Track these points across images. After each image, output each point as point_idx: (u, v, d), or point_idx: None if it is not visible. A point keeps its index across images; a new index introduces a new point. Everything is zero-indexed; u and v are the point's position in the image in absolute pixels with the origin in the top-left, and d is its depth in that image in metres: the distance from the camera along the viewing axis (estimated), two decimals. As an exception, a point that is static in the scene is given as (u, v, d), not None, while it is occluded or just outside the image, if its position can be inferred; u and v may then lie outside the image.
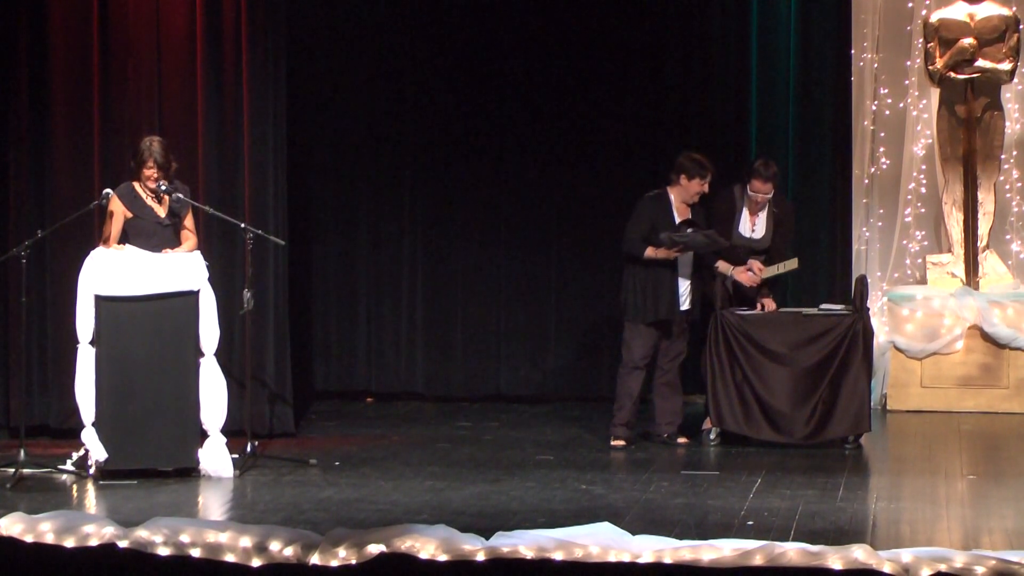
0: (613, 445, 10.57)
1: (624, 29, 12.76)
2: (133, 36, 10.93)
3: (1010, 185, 12.93)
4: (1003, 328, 12.25)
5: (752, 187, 10.86)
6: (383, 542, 7.06)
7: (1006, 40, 12.54)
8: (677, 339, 10.65)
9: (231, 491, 9.16)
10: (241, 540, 7.16)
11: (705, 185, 10.61)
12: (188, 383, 9.53)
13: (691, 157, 10.64)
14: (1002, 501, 8.75)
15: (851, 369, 10.48)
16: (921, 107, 12.93)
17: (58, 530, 7.35)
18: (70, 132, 10.96)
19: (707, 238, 10.45)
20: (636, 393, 10.60)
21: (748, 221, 10.96)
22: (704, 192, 10.64)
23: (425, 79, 12.98)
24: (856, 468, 9.97)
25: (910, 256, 12.98)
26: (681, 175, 10.59)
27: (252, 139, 10.93)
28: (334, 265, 13.12)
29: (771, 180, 10.85)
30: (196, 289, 9.54)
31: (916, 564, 6.80)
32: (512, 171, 12.88)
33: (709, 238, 10.46)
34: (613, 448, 10.52)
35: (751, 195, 10.88)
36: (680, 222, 10.53)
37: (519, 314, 12.96)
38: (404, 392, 13.01)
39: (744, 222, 10.96)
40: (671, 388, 10.68)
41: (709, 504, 8.64)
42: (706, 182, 10.60)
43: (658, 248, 10.47)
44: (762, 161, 10.95)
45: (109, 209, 9.75)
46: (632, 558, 6.98)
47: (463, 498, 8.77)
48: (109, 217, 9.76)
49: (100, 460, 9.37)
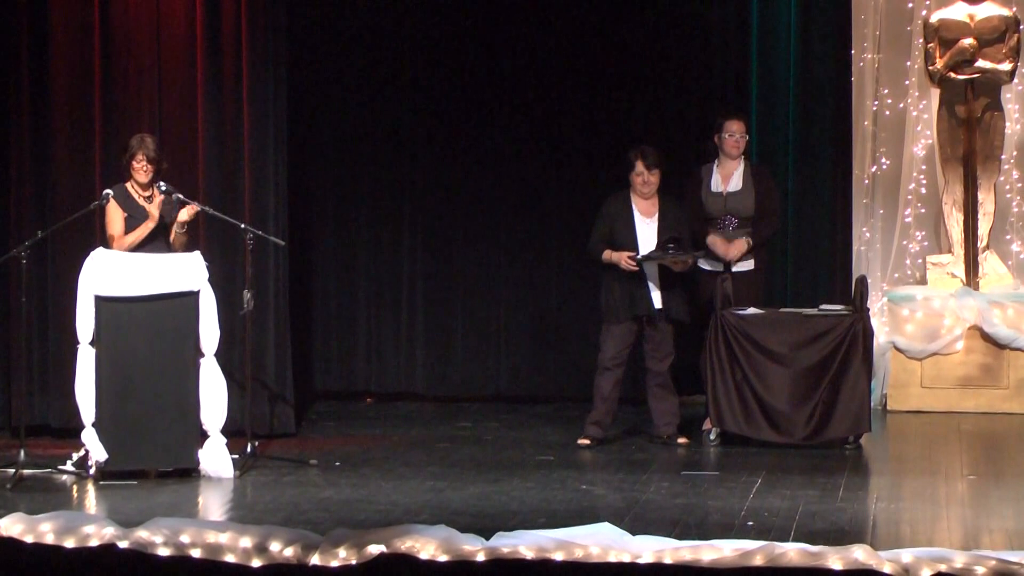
0: (579, 443, 10.57)
1: (624, 30, 12.76)
2: (133, 37, 10.94)
3: (1010, 185, 12.94)
4: (1003, 328, 12.25)
5: (727, 130, 10.91)
6: (383, 542, 7.07)
7: (1006, 40, 12.55)
8: (662, 342, 10.56)
9: (231, 491, 9.17)
10: (241, 540, 7.16)
11: (644, 169, 10.51)
12: (188, 383, 9.53)
13: (630, 151, 10.63)
14: (1002, 501, 8.75)
15: (851, 369, 10.48)
16: (921, 107, 12.94)
17: (58, 530, 7.35)
18: (71, 133, 10.96)
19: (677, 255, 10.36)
20: (607, 393, 10.57)
21: (719, 177, 10.95)
22: (647, 178, 10.51)
23: (426, 79, 12.99)
24: (856, 468, 9.97)
25: (910, 256, 12.98)
26: (628, 174, 10.60)
27: (252, 139, 10.93)
28: (334, 265, 13.12)
29: (741, 117, 10.98)
30: (196, 289, 9.54)
31: (916, 564, 6.80)
32: (513, 171, 12.88)
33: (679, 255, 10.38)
34: (579, 446, 10.52)
35: (727, 138, 10.90)
36: (668, 237, 10.43)
37: (519, 314, 12.97)
38: (404, 392, 13.02)
39: (716, 182, 10.95)
40: (664, 389, 10.63)
41: (709, 504, 8.64)
42: (643, 166, 10.50)
43: (615, 252, 10.45)
44: (724, 108, 11.23)
45: (109, 209, 9.77)
46: (632, 558, 6.98)
47: (463, 498, 8.77)
48: (111, 216, 9.77)
49: (100, 460, 9.37)
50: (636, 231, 10.57)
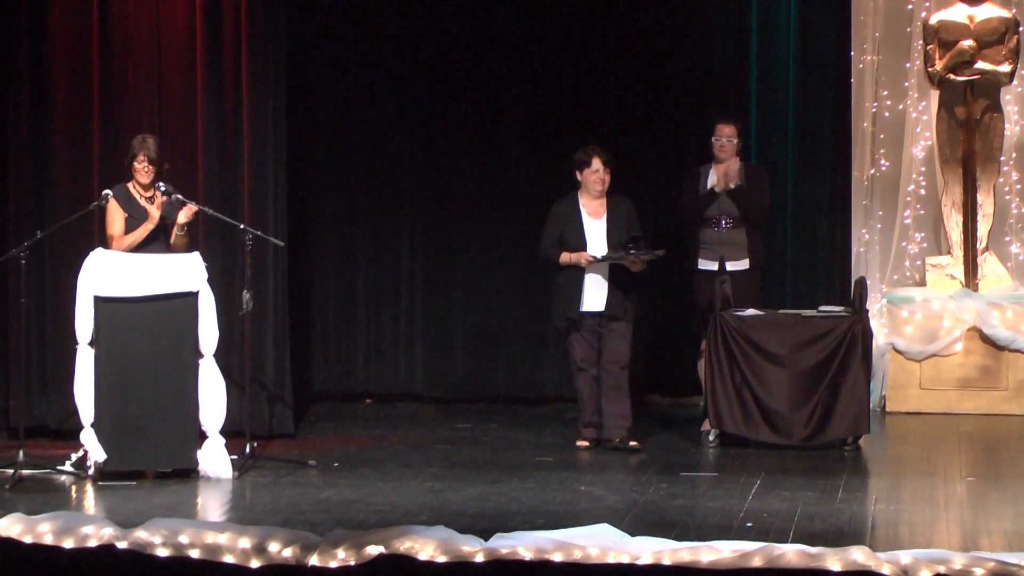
0: (578, 445, 10.57)
1: (623, 30, 12.77)
2: (133, 37, 10.95)
3: (1009, 187, 12.94)
4: (1002, 330, 12.25)
5: (717, 134, 10.97)
6: (382, 543, 7.07)
7: (1005, 42, 12.55)
8: (613, 343, 10.49)
9: (230, 492, 9.17)
10: (240, 541, 7.16)
11: (599, 169, 10.49)
12: (187, 384, 9.53)
13: (579, 151, 10.60)
14: (1001, 503, 8.76)
15: (850, 371, 10.48)
16: (921, 109, 12.94)
17: (57, 531, 7.35)
18: (70, 133, 10.97)
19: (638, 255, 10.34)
20: (587, 394, 10.53)
21: (715, 177, 11.01)
22: (602, 175, 10.49)
23: (424, 78, 12.99)
24: (855, 470, 9.97)
25: (909, 258, 12.98)
26: (576, 173, 10.58)
27: (252, 140, 10.93)
28: (333, 266, 13.12)
29: (732, 121, 11.03)
30: (195, 290, 9.54)
31: (915, 566, 6.81)
32: (512, 172, 12.88)
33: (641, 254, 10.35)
34: (578, 448, 10.53)
35: (714, 142, 10.97)
36: (628, 237, 10.38)
37: (518, 315, 12.96)
38: (403, 393, 13.02)
39: (712, 182, 11.01)
40: (617, 391, 10.52)
41: (708, 506, 8.64)
42: (598, 165, 10.48)
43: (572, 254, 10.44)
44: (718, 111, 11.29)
45: (110, 209, 9.78)
46: (631, 559, 6.99)
47: (462, 499, 8.78)
48: (112, 216, 9.77)
49: (99, 461, 9.37)
50: (585, 232, 10.52)
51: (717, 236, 11.00)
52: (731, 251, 11.00)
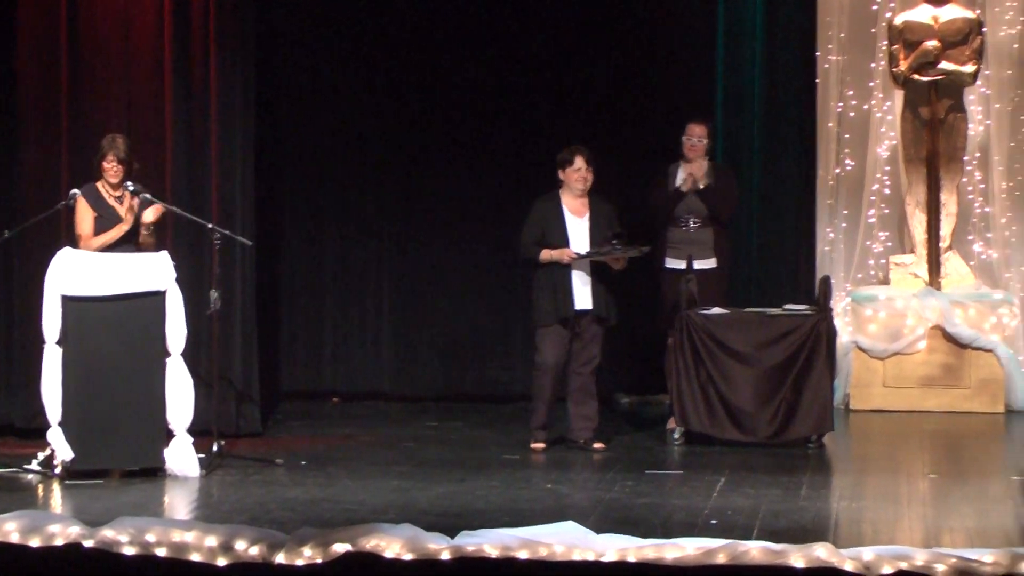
0: (532, 448, 10.53)
1: (591, 33, 12.80)
2: (101, 37, 10.94)
3: (972, 186, 13.02)
4: (965, 328, 12.32)
5: (688, 133, 11.03)
6: (349, 541, 7.08)
7: (969, 43, 12.61)
8: (589, 344, 10.52)
9: (197, 491, 9.16)
10: (207, 539, 7.17)
11: (581, 167, 10.50)
12: (155, 383, 9.52)
13: (563, 150, 10.63)
14: (963, 500, 8.81)
15: (814, 369, 10.53)
16: (885, 109, 13.01)
17: (23, 530, 7.34)
18: (38, 133, 10.95)
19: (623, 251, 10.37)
20: (548, 396, 10.52)
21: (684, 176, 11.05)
22: (584, 174, 10.50)
23: (393, 78, 13.00)
24: (819, 467, 10.02)
25: (873, 257, 13.05)
26: (559, 171, 10.59)
27: (220, 140, 10.94)
28: (301, 265, 13.13)
29: (704, 121, 11.12)
30: (163, 289, 9.54)
31: (877, 562, 6.85)
32: (480, 174, 12.89)
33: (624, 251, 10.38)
34: (532, 451, 10.49)
35: (684, 141, 11.03)
36: (612, 233, 10.41)
37: (485, 314, 12.99)
38: (370, 392, 13.03)
39: (679, 178, 11.04)
40: (585, 393, 10.54)
41: (673, 503, 8.67)
42: (581, 163, 10.49)
43: (554, 250, 10.45)
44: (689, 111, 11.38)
45: (79, 208, 9.77)
46: (596, 557, 7.01)
47: (429, 498, 8.79)
48: (81, 215, 9.77)
49: (66, 460, 9.35)
50: (568, 231, 10.54)
51: (685, 235, 11.05)
52: (698, 250, 11.03)
